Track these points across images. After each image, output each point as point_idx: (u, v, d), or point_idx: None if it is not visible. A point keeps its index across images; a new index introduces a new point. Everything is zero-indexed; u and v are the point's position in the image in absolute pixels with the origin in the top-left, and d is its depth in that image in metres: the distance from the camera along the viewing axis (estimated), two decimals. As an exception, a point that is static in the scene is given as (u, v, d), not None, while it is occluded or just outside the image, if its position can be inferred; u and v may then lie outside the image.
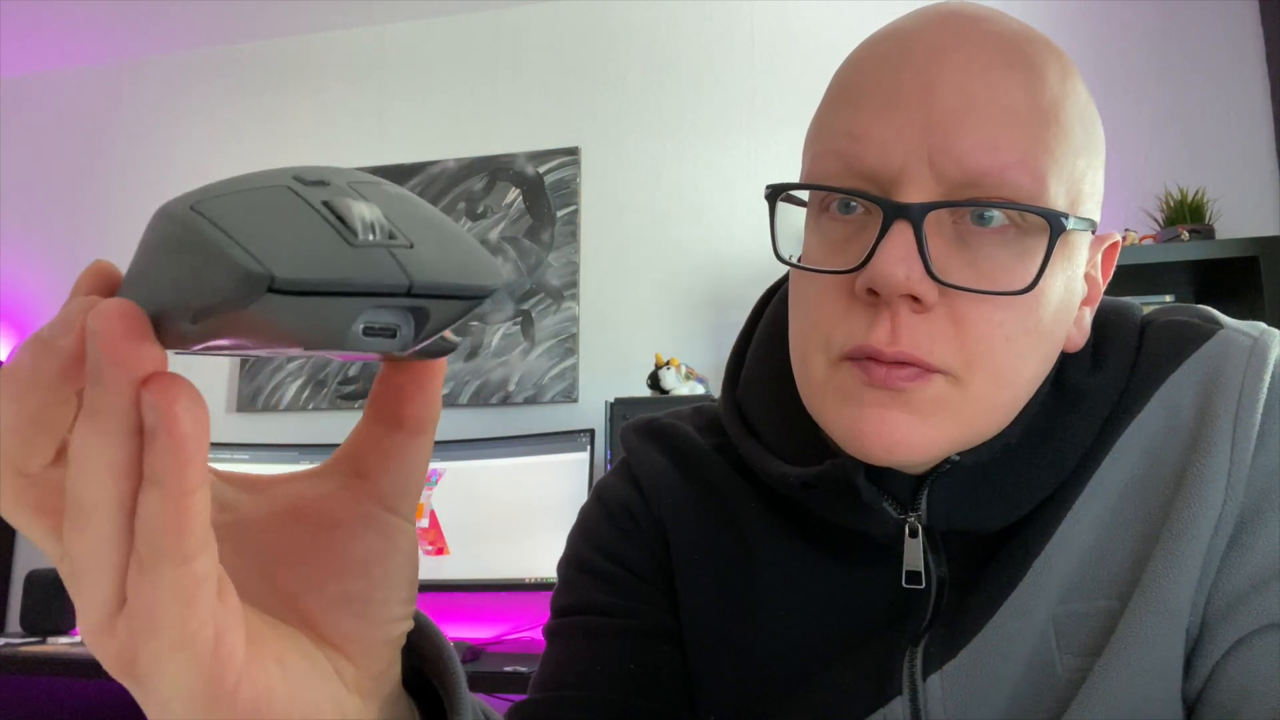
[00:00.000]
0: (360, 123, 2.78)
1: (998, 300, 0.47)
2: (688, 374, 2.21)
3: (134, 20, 2.78)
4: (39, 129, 3.02)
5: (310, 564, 0.31)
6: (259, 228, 0.23)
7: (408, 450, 0.31)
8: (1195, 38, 2.27)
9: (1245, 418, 0.51)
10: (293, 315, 0.23)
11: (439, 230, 0.26)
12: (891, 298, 0.47)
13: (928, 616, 0.55)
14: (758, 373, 0.63)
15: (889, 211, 0.47)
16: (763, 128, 2.50)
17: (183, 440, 0.23)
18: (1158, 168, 2.22)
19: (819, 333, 0.51)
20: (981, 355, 0.48)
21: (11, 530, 2.73)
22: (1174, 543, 0.50)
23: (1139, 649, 0.49)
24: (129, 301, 0.23)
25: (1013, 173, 0.47)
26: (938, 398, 0.48)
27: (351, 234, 0.24)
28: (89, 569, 0.24)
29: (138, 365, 0.23)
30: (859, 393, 0.49)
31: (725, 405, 0.64)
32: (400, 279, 0.24)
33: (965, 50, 0.48)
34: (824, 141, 0.52)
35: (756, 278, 2.41)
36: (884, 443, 0.48)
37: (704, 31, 2.59)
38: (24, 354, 0.24)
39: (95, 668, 1.92)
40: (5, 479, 0.25)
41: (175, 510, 0.23)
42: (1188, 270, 1.96)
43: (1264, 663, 0.48)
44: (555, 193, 2.58)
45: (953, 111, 0.47)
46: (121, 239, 2.87)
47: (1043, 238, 0.48)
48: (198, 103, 2.91)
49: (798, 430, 0.58)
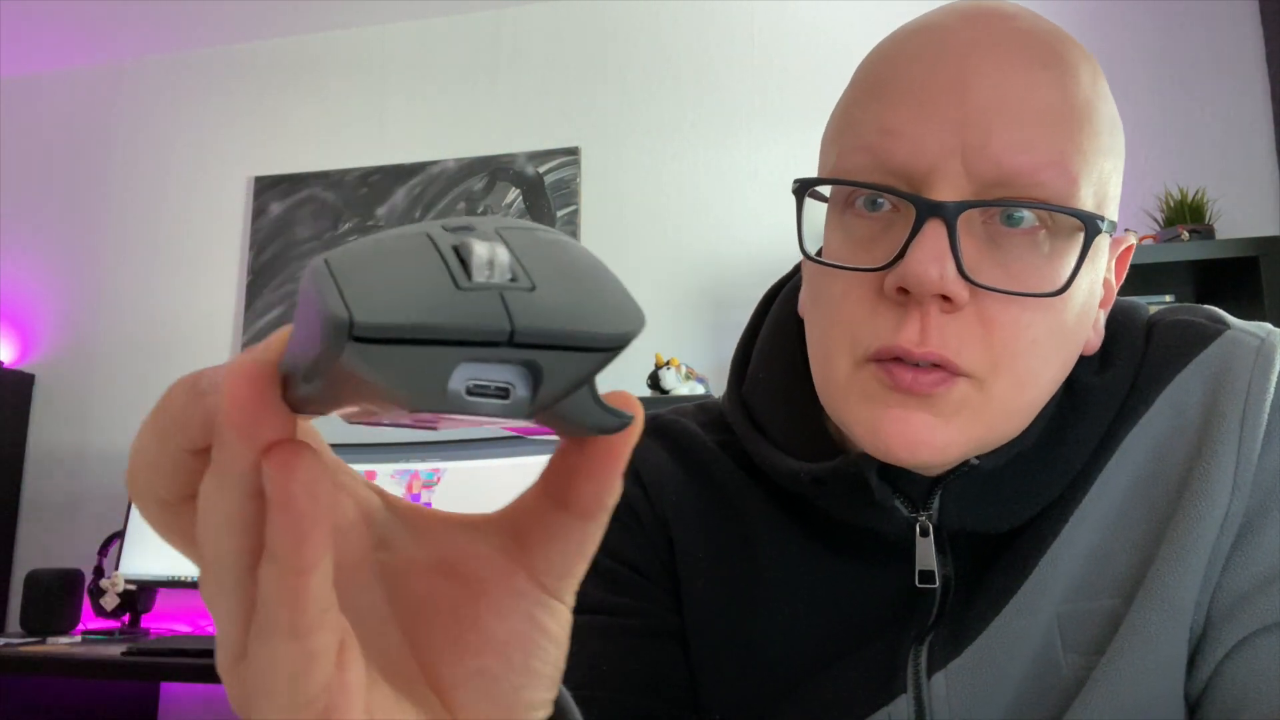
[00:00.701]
0: (360, 123, 2.78)
1: (1025, 302, 0.47)
2: (688, 374, 2.21)
3: (134, 20, 2.78)
4: (39, 129, 3.02)
5: (452, 630, 0.28)
6: (371, 274, 0.20)
7: (574, 532, 0.27)
8: (1195, 38, 2.27)
9: (1252, 417, 0.51)
10: (381, 368, 0.20)
11: (579, 276, 0.22)
12: (923, 297, 0.46)
13: (933, 615, 0.55)
14: (764, 370, 0.63)
15: (922, 209, 0.46)
16: (763, 128, 2.50)
17: (297, 518, 0.22)
18: (1158, 168, 2.22)
19: (844, 332, 0.50)
20: (1008, 358, 0.48)
21: (12, 530, 2.73)
22: (1179, 541, 0.50)
23: (1143, 647, 0.49)
24: (264, 361, 0.22)
25: (1046, 173, 0.46)
26: (961, 401, 0.48)
27: (465, 276, 0.21)
28: (215, 614, 0.25)
29: (257, 430, 0.22)
30: (883, 395, 0.49)
31: (731, 402, 0.63)
32: (501, 324, 0.20)
33: (1000, 48, 0.48)
34: (852, 136, 0.51)
35: (757, 278, 2.41)
36: (906, 443, 0.48)
37: (704, 31, 2.59)
38: (177, 393, 0.24)
39: (95, 668, 1.92)
40: (151, 504, 0.25)
41: (289, 587, 0.22)
42: (1188, 270, 1.96)
43: (1266, 663, 0.48)
44: (555, 193, 2.58)
45: (988, 109, 0.46)
46: (121, 239, 2.87)
47: (1072, 240, 0.48)
48: (198, 103, 2.91)
49: (807, 427, 0.58)
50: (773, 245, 2.43)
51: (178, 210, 2.86)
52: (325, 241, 2.71)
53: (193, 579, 2.29)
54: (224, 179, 2.85)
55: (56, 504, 2.74)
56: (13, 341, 2.89)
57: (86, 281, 2.87)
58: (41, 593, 2.24)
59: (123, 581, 2.29)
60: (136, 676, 1.90)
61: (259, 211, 2.78)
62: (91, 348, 2.82)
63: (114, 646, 2.03)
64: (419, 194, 2.67)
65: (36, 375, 2.83)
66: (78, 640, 2.17)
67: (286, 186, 2.78)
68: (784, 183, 2.47)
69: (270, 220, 2.76)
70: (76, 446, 2.76)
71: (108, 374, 2.79)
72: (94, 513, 2.68)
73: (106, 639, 2.22)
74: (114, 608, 2.30)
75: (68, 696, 2.29)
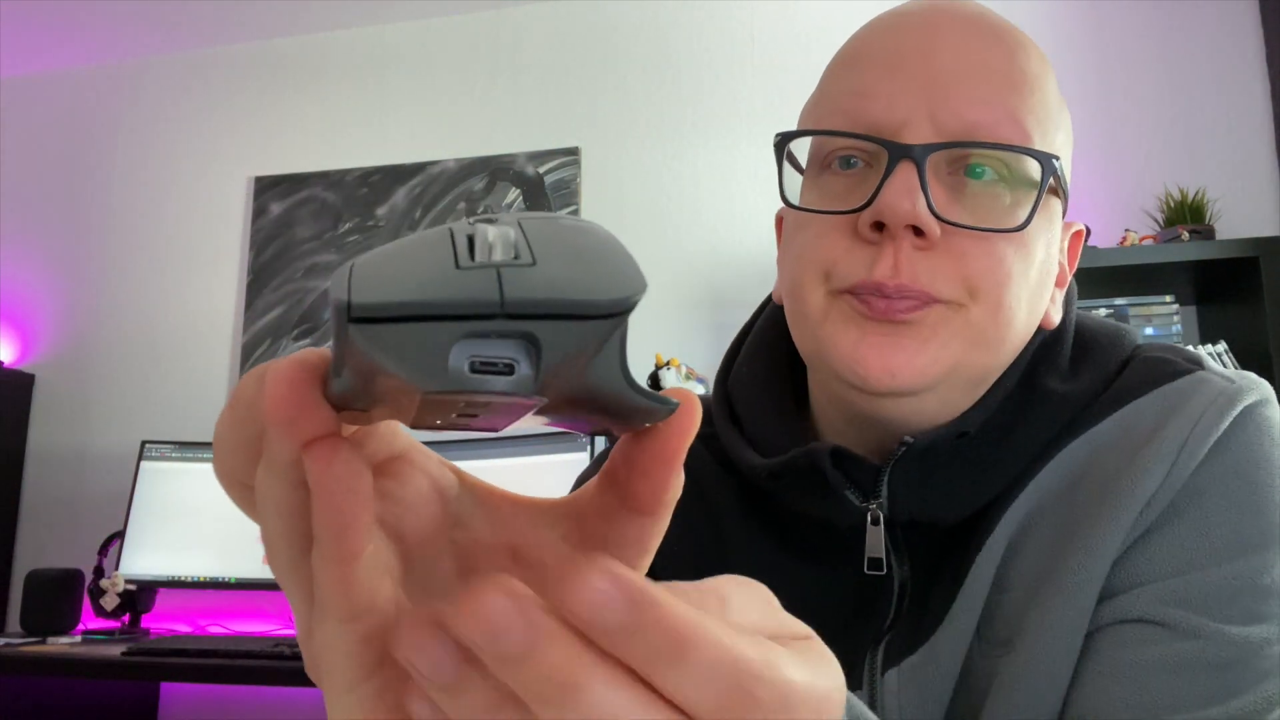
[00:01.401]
0: (360, 123, 2.78)
1: (994, 239, 0.51)
2: (688, 374, 2.21)
3: (134, 20, 2.78)
4: (39, 129, 3.02)
5: None
6: (384, 263, 0.21)
7: (631, 528, 0.28)
8: (1195, 38, 2.27)
9: (1194, 443, 0.51)
10: (382, 348, 0.20)
11: (583, 250, 0.22)
12: (897, 230, 0.49)
13: (890, 615, 0.56)
14: (748, 365, 0.64)
15: (894, 152, 0.50)
16: (763, 128, 2.50)
17: (336, 510, 0.23)
18: (1158, 168, 2.22)
19: (817, 267, 0.53)
20: (983, 284, 0.50)
21: (12, 530, 2.73)
22: (1092, 538, 0.51)
23: (1046, 636, 0.50)
24: (306, 361, 0.23)
25: (1004, 127, 0.51)
26: (938, 322, 0.50)
27: (469, 257, 0.21)
28: (286, 592, 0.26)
29: (295, 425, 0.23)
30: (859, 322, 0.51)
31: (715, 395, 0.65)
32: (491, 296, 0.20)
33: (960, 24, 0.54)
34: (827, 103, 0.55)
35: (757, 278, 2.41)
36: (886, 366, 0.50)
37: (704, 32, 2.59)
38: (247, 382, 0.25)
39: (95, 668, 1.92)
40: (232, 486, 0.27)
41: (336, 575, 0.24)
42: (1188, 270, 1.96)
43: (1123, 654, 0.49)
44: (555, 193, 2.58)
45: (951, 71, 0.52)
46: (122, 239, 2.87)
47: (1030, 190, 0.52)
48: (198, 103, 2.91)
49: (778, 418, 0.60)
50: (773, 245, 2.43)
51: (178, 210, 2.86)
52: (325, 241, 2.71)
53: (193, 579, 2.29)
54: (224, 179, 2.85)
55: (56, 504, 2.74)
56: (13, 341, 2.89)
57: (86, 281, 2.87)
58: (41, 593, 2.24)
59: (123, 581, 2.29)
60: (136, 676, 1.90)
61: (259, 211, 2.78)
62: (91, 348, 2.82)
63: (114, 646, 2.03)
64: (419, 194, 2.67)
65: (36, 375, 2.83)
66: (78, 640, 2.17)
67: (286, 186, 2.78)
68: (784, 183, 2.47)
69: (270, 220, 2.76)
70: (76, 446, 2.76)
71: (108, 374, 2.79)
72: (94, 513, 2.68)
73: (106, 639, 2.22)
74: (114, 608, 2.30)
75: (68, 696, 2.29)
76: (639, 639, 0.20)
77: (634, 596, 0.20)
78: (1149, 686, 0.47)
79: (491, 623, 0.20)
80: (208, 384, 2.72)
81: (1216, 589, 0.49)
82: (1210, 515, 0.50)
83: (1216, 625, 0.48)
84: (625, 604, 0.20)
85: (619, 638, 0.20)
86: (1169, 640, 0.48)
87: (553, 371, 0.21)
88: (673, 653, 0.20)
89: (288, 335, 2.68)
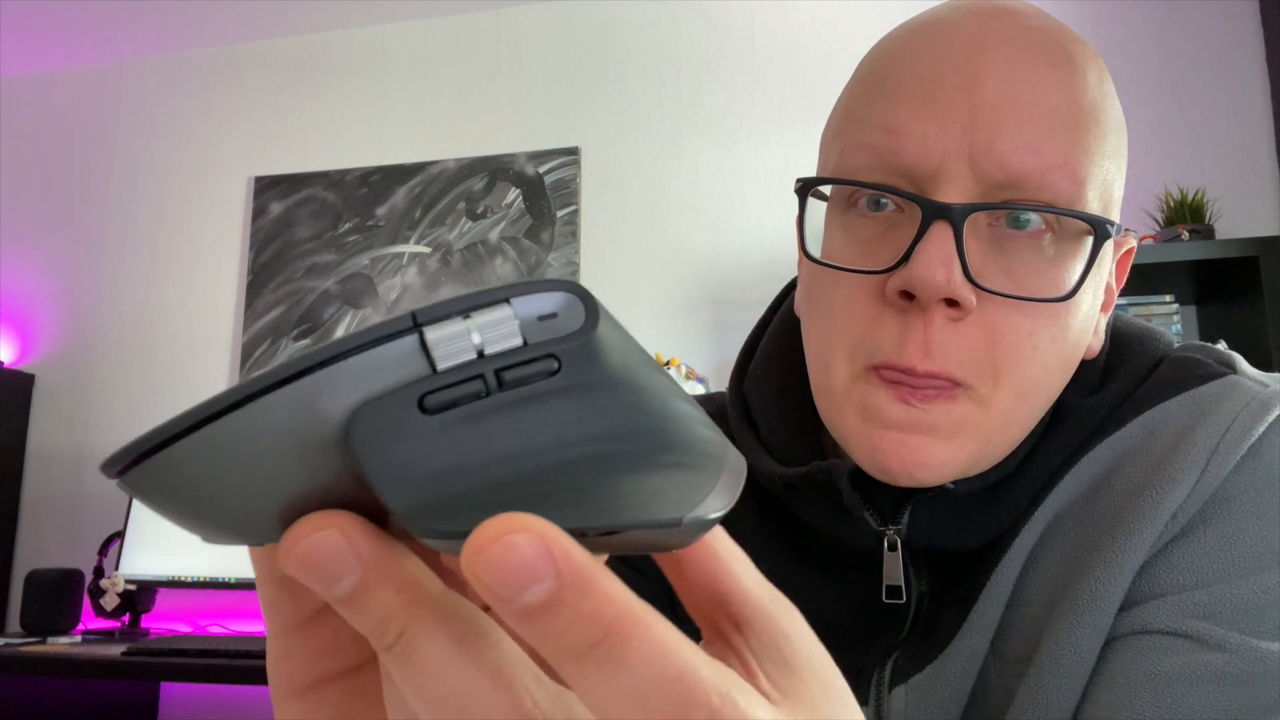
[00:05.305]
0: (360, 123, 2.78)
1: (1028, 309, 0.46)
2: (688, 374, 2.21)
3: (134, 20, 2.78)
4: (39, 129, 3.02)
5: None
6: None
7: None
8: (1195, 38, 2.27)
9: (1225, 450, 0.47)
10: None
11: None
12: (928, 303, 0.45)
13: (904, 631, 0.54)
14: (764, 367, 0.62)
15: (929, 211, 0.45)
16: (763, 128, 2.50)
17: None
18: (1158, 168, 2.22)
19: (844, 339, 0.49)
20: (1010, 368, 0.46)
21: (12, 530, 2.73)
22: (1114, 551, 0.48)
23: (1067, 655, 0.47)
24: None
25: (1053, 176, 0.45)
26: (961, 419, 0.47)
27: None
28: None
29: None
30: (881, 411, 0.47)
31: (731, 396, 0.63)
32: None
33: (1008, 46, 0.47)
34: (856, 134, 0.49)
35: (757, 278, 2.41)
36: (906, 465, 0.47)
37: (704, 31, 2.59)
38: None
39: (95, 668, 1.92)
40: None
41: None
42: (1188, 270, 1.96)
43: (1138, 664, 0.46)
44: (555, 193, 2.58)
45: (995, 109, 0.45)
46: (122, 239, 2.87)
47: (1077, 243, 0.47)
48: (198, 103, 2.91)
49: (794, 430, 0.58)
50: (773, 245, 2.43)
51: (178, 210, 2.86)
52: (325, 241, 2.71)
53: (193, 579, 2.29)
54: (224, 179, 2.85)
55: (56, 504, 2.74)
56: (13, 341, 2.89)
57: (86, 281, 2.87)
58: (41, 593, 2.24)
59: (123, 581, 2.29)
60: (136, 676, 1.90)
61: (259, 211, 2.78)
62: (91, 348, 2.82)
63: (114, 646, 2.03)
64: (419, 194, 2.67)
65: (36, 375, 2.83)
66: (78, 640, 2.17)
67: (286, 186, 2.77)
68: (784, 183, 2.47)
69: (270, 220, 2.76)
70: (76, 446, 2.76)
71: (108, 374, 2.79)
72: (94, 513, 2.68)
73: (106, 639, 2.22)
74: (114, 608, 2.30)
75: (68, 696, 2.29)
76: (561, 624, 0.17)
77: (565, 568, 0.16)
78: (1168, 698, 0.44)
79: (313, 557, 0.18)
80: (208, 384, 2.72)
81: (1244, 601, 0.46)
82: (1239, 525, 0.47)
83: (1242, 638, 0.45)
84: (552, 576, 0.16)
85: (536, 619, 0.17)
86: (1191, 651, 0.45)
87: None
88: (603, 650, 0.17)
89: (287, 335, 2.68)
